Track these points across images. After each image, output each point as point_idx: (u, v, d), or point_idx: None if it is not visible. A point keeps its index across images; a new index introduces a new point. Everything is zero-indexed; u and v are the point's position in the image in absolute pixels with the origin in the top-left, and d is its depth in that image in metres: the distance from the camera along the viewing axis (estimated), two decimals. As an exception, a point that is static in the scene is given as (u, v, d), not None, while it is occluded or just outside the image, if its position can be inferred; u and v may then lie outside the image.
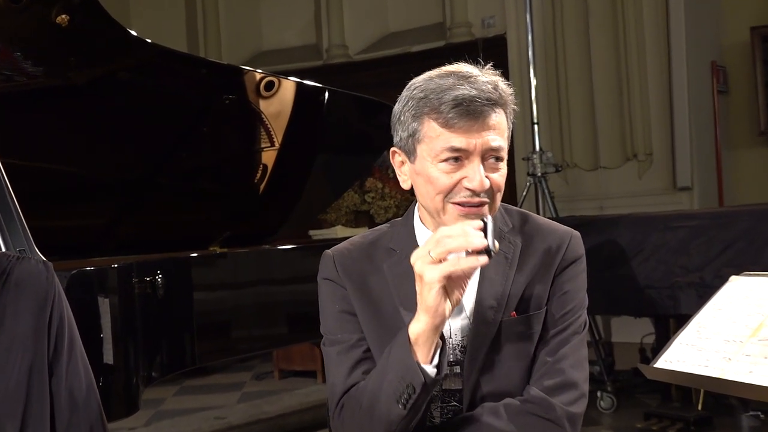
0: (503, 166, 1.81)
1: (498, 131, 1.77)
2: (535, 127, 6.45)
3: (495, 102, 1.76)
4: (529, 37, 6.53)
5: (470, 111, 1.74)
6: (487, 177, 1.77)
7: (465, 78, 1.77)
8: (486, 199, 1.78)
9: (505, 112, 1.81)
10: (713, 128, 7.40)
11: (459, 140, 1.75)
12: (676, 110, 7.41)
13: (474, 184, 1.75)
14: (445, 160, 1.77)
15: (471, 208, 1.78)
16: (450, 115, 1.74)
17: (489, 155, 1.78)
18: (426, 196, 1.82)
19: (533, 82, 6.49)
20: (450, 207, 1.79)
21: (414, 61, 8.19)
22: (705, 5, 7.66)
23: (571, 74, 7.79)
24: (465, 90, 1.74)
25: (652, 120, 7.53)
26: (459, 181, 1.77)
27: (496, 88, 1.77)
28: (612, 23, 7.63)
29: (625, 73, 7.58)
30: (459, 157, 1.76)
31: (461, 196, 1.77)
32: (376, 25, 9.17)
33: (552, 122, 7.83)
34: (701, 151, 7.42)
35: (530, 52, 6.51)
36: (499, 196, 1.82)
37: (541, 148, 6.37)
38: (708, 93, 7.41)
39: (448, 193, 1.78)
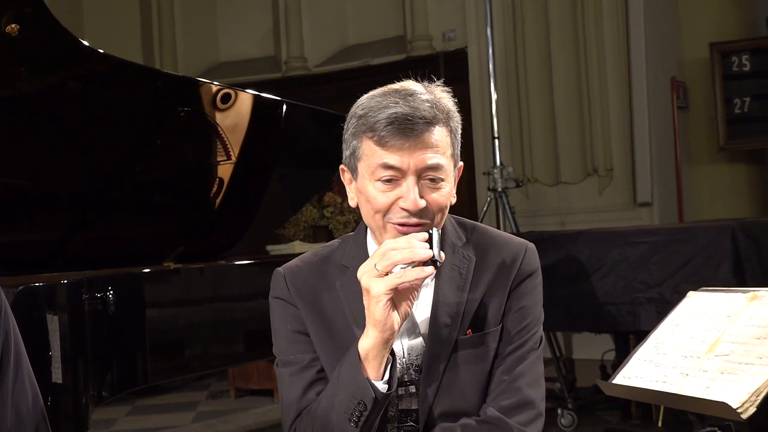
0: (445, 185, 1.80)
1: (436, 149, 1.76)
2: (496, 141, 6.45)
3: (430, 120, 1.75)
4: (490, 51, 6.54)
5: (402, 129, 1.73)
6: (424, 197, 1.76)
7: (404, 96, 1.76)
8: (425, 220, 1.77)
9: (448, 130, 1.80)
10: (673, 144, 7.47)
11: (392, 158, 1.74)
12: (636, 126, 7.47)
13: (407, 204, 1.75)
14: (381, 179, 1.76)
15: (410, 228, 1.77)
16: (383, 133, 1.74)
17: (426, 174, 1.76)
18: (367, 215, 1.82)
19: (494, 96, 6.49)
20: (390, 227, 1.78)
21: (374, 74, 8.18)
22: (665, 21, 7.74)
23: (532, 89, 7.83)
24: (399, 108, 1.73)
25: (612, 135, 7.58)
26: (395, 201, 1.76)
27: (434, 105, 1.76)
28: (572, 38, 7.68)
29: (585, 88, 7.63)
30: (394, 175, 1.75)
31: (399, 216, 1.77)
32: (335, 38, 9.16)
33: (513, 137, 7.85)
34: (661, 166, 7.47)
35: (491, 66, 6.52)
36: (441, 216, 1.81)
37: (501, 163, 6.37)
38: (668, 109, 7.47)
39: (386, 212, 1.78)
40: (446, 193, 1.80)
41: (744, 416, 1.70)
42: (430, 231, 1.72)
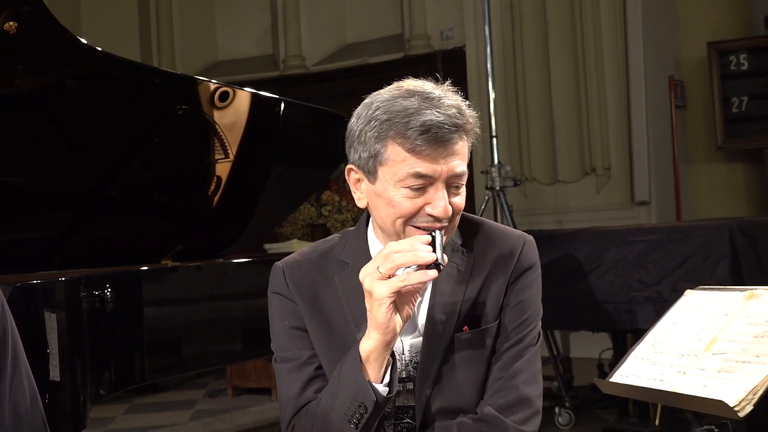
0: (464, 189, 1.79)
1: (461, 156, 1.76)
2: (494, 140, 6.43)
3: (461, 128, 1.74)
4: (488, 50, 6.52)
5: (438, 138, 1.70)
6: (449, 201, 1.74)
7: (429, 100, 1.73)
8: (447, 224, 1.76)
9: (468, 136, 1.78)
10: (671, 143, 7.47)
11: (425, 166, 1.72)
12: (634, 125, 7.47)
13: (437, 211, 1.73)
14: (411, 187, 1.73)
15: None
16: (417, 142, 1.70)
17: (453, 181, 1.75)
18: (386, 219, 1.79)
19: (492, 95, 6.47)
20: (411, 230, 1.76)
21: (372, 73, 8.20)
22: (663, 20, 7.74)
23: (530, 88, 7.83)
24: (432, 115, 1.70)
25: (610, 134, 7.59)
26: (422, 207, 1.74)
27: (461, 112, 1.75)
28: (570, 37, 7.68)
29: (583, 87, 7.63)
30: (424, 183, 1.73)
31: (423, 221, 1.75)
32: (333, 36, 9.16)
33: (511, 136, 7.85)
34: (659, 165, 7.48)
35: (489, 65, 6.51)
36: (458, 218, 1.81)
37: (499, 162, 6.36)
38: (666, 108, 7.48)
39: (410, 217, 1.75)
40: (464, 196, 1.80)
41: (741, 414, 1.70)
42: (433, 233, 1.70)
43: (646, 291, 4.47)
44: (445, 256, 1.69)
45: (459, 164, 1.74)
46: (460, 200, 1.78)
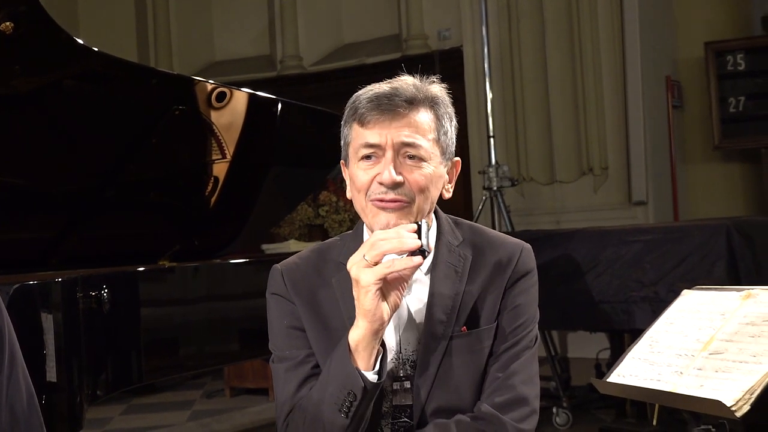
0: (426, 166, 1.81)
1: (416, 129, 1.79)
2: (491, 140, 6.44)
3: (410, 99, 1.79)
4: (485, 50, 6.53)
5: (381, 106, 1.77)
6: (403, 175, 1.77)
7: (391, 82, 1.82)
8: (402, 197, 1.79)
9: (433, 114, 1.82)
10: (668, 143, 7.47)
11: (372, 135, 1.78)
12: (631, 125, 7.47)
13: (383, 178, 1.77)
14: (363, 158, 1.80)
15: (387, 204, 1.79)
16: (362, 111, 1.78)
17: (404, 151, 1.79)
18: (354, 198, 1.85)
19: (489, 95, 6.49)
20: (370, 205, 1.80)
21: (369, 73, 8.11)
22: (660, 20, 7.75)
23: (527, 88, 7.83)
24: (381, 90, 1.79)
25: (607, 134, 7.59)
26: (374, 177, 1.79)
27: (418, 89, 1.80)
28: (568, 37, 7.68)
29: (581, 87, 7.63)
30: (375, 153, 1.79)
31: (377, 192, 1.79)
32: (330, 37, 9.16)
33: (508, 136, 7.85)
34: (656, 165, 7.48)
35: (486, 65, 6.52)
36: (422, 198, 1.81)
37: (497, 162, 6.37)
38: (663, 108, 7.48)
39: (367, 190, 1.80)
40: (428, 174, 1.80)
41: (738, 414, 1.70)
42: (419, 222, 1.74)
43: (644, 291, 4.47)
44: (431, 244, 1.73)
45: (408, 134, 1.78)
46: (418, 176, 1.79)
